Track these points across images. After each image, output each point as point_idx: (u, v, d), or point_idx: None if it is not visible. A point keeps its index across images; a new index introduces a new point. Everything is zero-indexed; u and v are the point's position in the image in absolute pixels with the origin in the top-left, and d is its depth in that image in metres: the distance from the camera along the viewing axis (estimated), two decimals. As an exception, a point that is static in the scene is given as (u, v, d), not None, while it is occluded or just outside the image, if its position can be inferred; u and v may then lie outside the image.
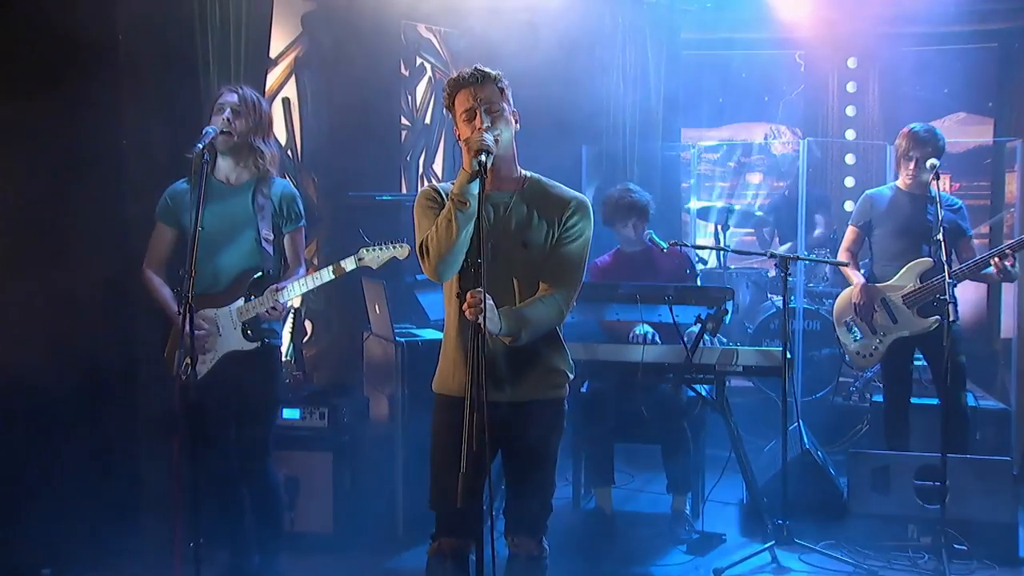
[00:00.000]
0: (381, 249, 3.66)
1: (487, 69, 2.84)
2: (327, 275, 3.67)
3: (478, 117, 2.77)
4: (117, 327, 4.13)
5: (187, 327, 3.15)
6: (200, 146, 3.33)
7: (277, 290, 3.66)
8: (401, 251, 3.67)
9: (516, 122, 2.88)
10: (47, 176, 3.91)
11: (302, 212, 3.83)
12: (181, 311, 3.14)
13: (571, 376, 2.98)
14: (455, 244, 2.69)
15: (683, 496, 4.68)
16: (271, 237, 3.73)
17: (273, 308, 3.63)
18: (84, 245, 3.95)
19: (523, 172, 2.93)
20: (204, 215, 3.35)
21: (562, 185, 2.96)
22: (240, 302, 3.68)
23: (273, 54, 5.32)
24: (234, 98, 3.65)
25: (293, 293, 3.67)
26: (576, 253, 2.88)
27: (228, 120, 3.61)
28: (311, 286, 3.68)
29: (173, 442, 3.39)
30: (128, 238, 4.12)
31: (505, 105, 2.82)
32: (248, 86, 3.79)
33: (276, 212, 3.75)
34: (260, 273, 3.70)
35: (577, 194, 2.93)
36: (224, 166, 3.72)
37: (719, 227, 6.28)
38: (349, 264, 3.67)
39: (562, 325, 2.94)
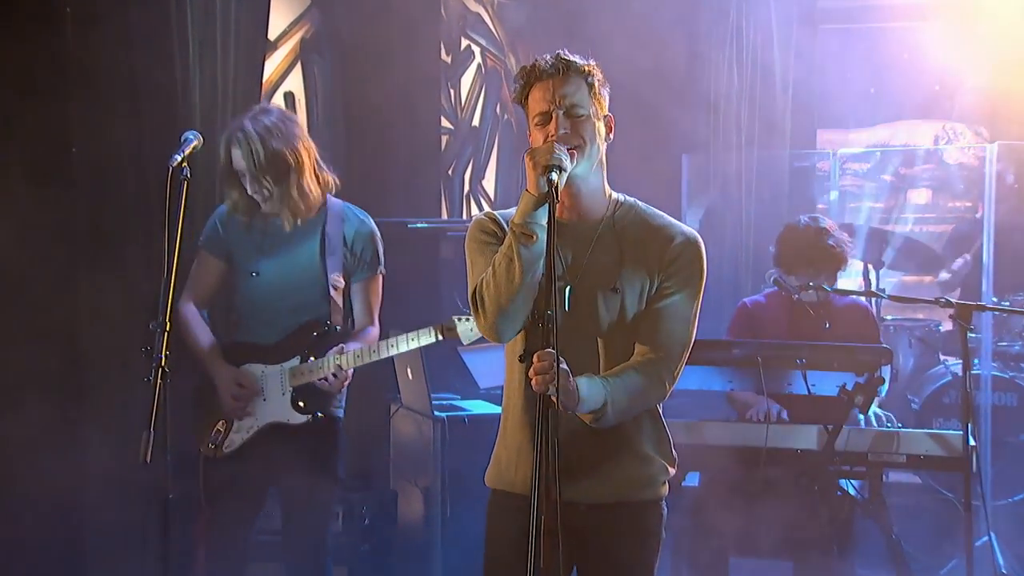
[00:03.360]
0: (469, 320, 3.76)
1: (574, 57, 2.84)
2: (425, 338, 3.83)
3: (554, 121, 2.79)
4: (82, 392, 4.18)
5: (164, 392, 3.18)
6: (178, 157, 3.37)
7: (342, 352, 3.80)
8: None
9: (610, 131, 2.90)
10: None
11: (381, 256, 3.99)
12: (152, 376, 3.14)
13: (672, 470, 2.97)
14: (517, 291, 2.69)
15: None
16: (341, 284, 3.90)
17: (334, 376, 3.80)
18: (27, 281, 4.00)
19: (614, 195, 2.96)
20: (264, 261, 3.71)
21: (666, 215, 2.98)
22: (295, 361, 3.85)
23: (273, 35, 5.44)
24: (239, 159, 3.78)
25: (364, 359, 3.82)
26: (683, 306, 2.87)
27: (248, 193, 3.81)
28: (390, 353, 3.84)
29: (192, 532, 3.54)
30: (76, 278, 4.19)
31: (595, 107, 2.84)
32: (258, 116, 3.86)
33: (349, 253, 3.92)
34: (325, 328, 3.86)
35: (686, 228, 2.94)
36: (274, 208, 3.88)
37: (870, 264, 6.22)
38: (425, 337, 3.83)
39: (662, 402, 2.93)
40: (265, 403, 3.83)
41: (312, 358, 3.83)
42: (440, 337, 3.83)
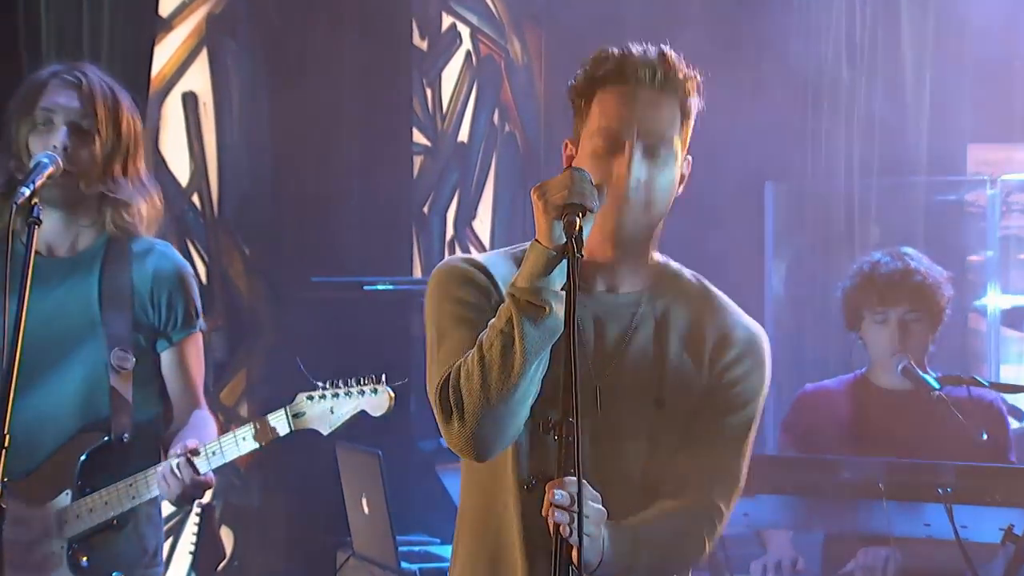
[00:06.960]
0: (337, 396, 3.60)
1: (678, 61, 2.78)
2: (244, 443, 3.60)
3: (626, 158, 2.73)
4: None
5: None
6: (27, 191, 3.37)
7: (133, 483, 3.60)
8: (379, 401, 3.60)
9: (686, 175, 2.85)
10: None
11: (198, 307, 3.85)
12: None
13: None
14: (514, 388, 2.66)
15: None
16: (129, 362, 3.74)
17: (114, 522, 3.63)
18: None
19: (658, 257, 2.95)
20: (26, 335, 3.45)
21: (721, 295, 2.96)
22: (64, 499, 3.69)
23: (165, 10, 5.49)
24: (73, 101, 3.69)
25: (134, 494, 3.62)
26: (740, 433, 2.88)
27: (64, 149, 3.65)
28: (204, 470, 3.57)
29: None
30: None
31: (680, 143, 2.80)
32: (95, 66, 3.85)
33: (147, 307, 3.78)
34: (105, 440, 3.70)
35: (749, 322, 2.93)
36: (48, 225, 3.70)
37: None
38: (279, 423, 3.62)
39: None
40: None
41: (90, 489, 3.64)
42: (256, 443, 3.60)
